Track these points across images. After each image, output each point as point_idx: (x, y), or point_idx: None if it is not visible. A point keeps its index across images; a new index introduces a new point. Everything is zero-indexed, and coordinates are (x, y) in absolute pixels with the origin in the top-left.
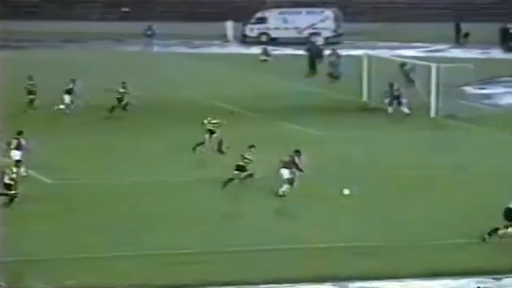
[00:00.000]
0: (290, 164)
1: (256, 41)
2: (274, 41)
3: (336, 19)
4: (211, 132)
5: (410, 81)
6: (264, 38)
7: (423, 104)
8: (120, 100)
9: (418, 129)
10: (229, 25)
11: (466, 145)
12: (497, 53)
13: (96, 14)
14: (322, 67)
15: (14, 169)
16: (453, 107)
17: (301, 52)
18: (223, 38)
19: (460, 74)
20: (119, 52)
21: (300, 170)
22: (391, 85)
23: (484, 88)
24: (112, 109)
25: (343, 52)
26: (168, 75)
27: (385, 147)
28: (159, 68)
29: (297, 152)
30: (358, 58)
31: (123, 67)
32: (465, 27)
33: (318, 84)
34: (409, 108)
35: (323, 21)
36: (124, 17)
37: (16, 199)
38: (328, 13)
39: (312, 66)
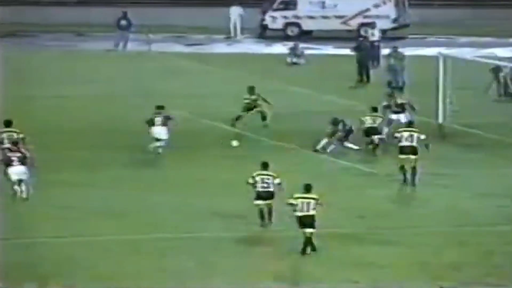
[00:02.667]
0: None
1: (281, 36)
2: (307, 36)
3: (398, 3)
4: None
5: (509, 94)
6: (292, 32)
7: None
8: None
9: None
10: (235, 12)
11: None
12: None
13: None
14: (378, 73)
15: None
16: None
17: (347, 51)
18: (228, 30)
19: None
20: (81, 52)
21: None
22: None
23: None
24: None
25: (408, 51)
26: (153, 85)
27: (468, 192)
28: (140, 75)
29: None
30: (430, 59)
31: (88, 75)
32: None
33: (371, 98)
34: (509, 135)
35: (379, 5)
36: (84, 1)
37: None
38: None
39: (363, 72)
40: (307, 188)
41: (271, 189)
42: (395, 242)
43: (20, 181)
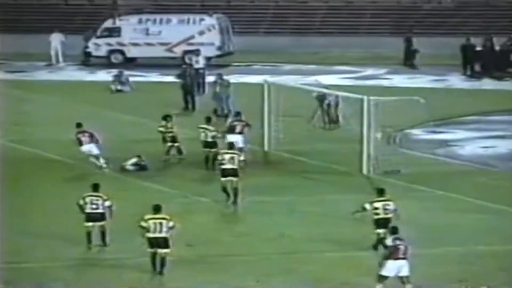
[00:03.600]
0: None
1: (105, 63)
2: (131, 63)
3: (223, 31)
4: None
5: (332, 122)
6: (116, 59)
7: (351, 155)
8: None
9: (341, 192)
10: (56, 39)
11: (410, 220)
12: (457, 80)
13: None
14: (204, 101)
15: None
16: (395, 160)
17: (172, 78)
18: (50, 57)
19: (405, 111)
20: None
21: None
22: None
23: (439, 132)
24: None
25: (233, 78)
26: None
27: (295, 219)
28: None
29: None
30: (256, 87)
31: None
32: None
33: (197, 125)
34: (334, 162)
35: (204, 33)
36: None
37: None
38: (211, 21)
39: (189, 99)
40: (156, 209)
41: (101, 211)
42: (224, 269)
43: None
